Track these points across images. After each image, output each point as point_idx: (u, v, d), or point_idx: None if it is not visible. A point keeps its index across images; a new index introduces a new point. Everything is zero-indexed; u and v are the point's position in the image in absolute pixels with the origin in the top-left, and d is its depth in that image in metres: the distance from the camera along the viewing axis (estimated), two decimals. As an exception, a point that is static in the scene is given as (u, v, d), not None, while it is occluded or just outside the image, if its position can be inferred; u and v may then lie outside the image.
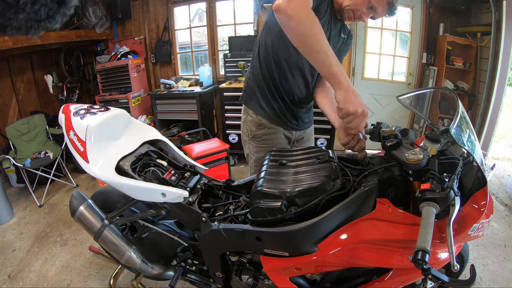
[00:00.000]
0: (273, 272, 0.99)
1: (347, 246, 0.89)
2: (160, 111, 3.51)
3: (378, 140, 1.04)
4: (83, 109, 1.27)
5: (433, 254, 0.84)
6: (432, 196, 0.74)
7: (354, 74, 3.54)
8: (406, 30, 3.35)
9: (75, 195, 1.34)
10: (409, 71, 3.40)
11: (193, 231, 1.15)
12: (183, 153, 1.34)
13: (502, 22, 2.59)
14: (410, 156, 0.83)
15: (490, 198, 0.87)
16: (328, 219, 0.86)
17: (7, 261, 2.05)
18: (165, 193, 1.07)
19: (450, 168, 0.86)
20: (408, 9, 3.26)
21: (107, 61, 3.65)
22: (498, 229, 2.17)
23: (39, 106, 3.73)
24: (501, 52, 2.65)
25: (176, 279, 1.27)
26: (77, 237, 2.24)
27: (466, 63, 3.01)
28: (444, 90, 3.08)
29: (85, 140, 1.16)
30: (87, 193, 1.54)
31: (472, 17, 2.97)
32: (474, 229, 0.84)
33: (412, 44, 3.31)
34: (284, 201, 0.88)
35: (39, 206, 2.69)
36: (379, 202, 0.88)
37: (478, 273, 1.75)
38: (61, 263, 1.99)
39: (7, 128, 2.89)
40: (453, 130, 0.84)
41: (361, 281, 1.00)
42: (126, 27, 4.03)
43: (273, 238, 0.91)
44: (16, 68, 3.44)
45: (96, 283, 1.82)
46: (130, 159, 1.21)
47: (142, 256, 1.31)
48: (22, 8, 0.25)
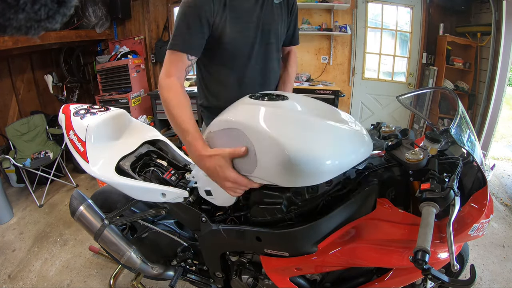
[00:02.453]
0: (273, 272, 0.99)
1: (347, 246, 0.89)
2: (160, 111, 3.51)
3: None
4: (83, 109, 1.28)
5: (433, 254, 0.84)
6: (432, 196, 0.74)
7: (354, 74, 3.54)
8: (406, 30, 3.35)
9: (75, 195, 1.34)
10: (409, 71, 3.41)
11: (193, 231, 1.15)
12: (183, 153, 1.34)
13: (502, 22, 2.59)
14: (410, 156, 0.83)
15: (490, 198, 0.87)
16: (328, 219, 0.86)
17: (7, 261, 2.05)
18: (165, 193, 1.07)
19: (450, 168, 0.86)
20: (408, 9, 3.26)
21: (107, 61, 3.65)
22: (498, 229, 2.17)
23: (39, 106, 3.72)
24: (501, 52, 2.65)
25: (176, 279, 1.27)
26: (77, 237, 2.24)
27: (466, 63, 3.01)
28: (444, 90, 3.08)
29: (85, 140, 1.16)
30: (87, 193, 1.54)
31: (472, 17, 2.97)
32: (474, 229, 0.84)
33: (412, 44, 3.31)
34: (284, 201, 0.88)
35: (39, 206, 2.69)
36: (379, 202, 0.89)
37: (478, 273, 1.76)
38: (61, 263, 1.99)
39: (7, 128, 2.88)
40: (453, 130, 0.84)
41: (361, 281, 1.00)
42: (126, 27, 4.03)
43: (273, 238, 0.91)
44: (16, 68, 3.43)
45: (96, 283, 1.82)
46: (130, 159, 1.21)
47: (142, 256, 1.31)
48: (22, 8, 0.25)
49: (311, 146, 0.78)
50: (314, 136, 0.80)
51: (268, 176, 0.80)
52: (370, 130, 1.08)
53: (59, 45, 3.52)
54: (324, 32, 3.38)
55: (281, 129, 0.80)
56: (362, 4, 3.30)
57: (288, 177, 0.77)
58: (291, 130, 0.80)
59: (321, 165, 0.76)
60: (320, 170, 0.77)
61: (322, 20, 3.43)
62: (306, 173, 0.76)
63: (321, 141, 0.80)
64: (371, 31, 3.42)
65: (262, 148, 0.78)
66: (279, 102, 0.90)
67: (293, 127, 0.81)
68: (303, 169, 0.75)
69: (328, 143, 0.81)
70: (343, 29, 3.31)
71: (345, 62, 3.54)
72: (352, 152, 0.82)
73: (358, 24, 3.37)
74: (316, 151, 0.77)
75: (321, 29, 3.37)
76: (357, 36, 3.40)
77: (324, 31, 3.37)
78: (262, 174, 0.80)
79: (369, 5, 3.32)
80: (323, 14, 3.45)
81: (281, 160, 0.75)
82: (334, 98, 3.28)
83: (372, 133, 1.07)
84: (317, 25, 3.40)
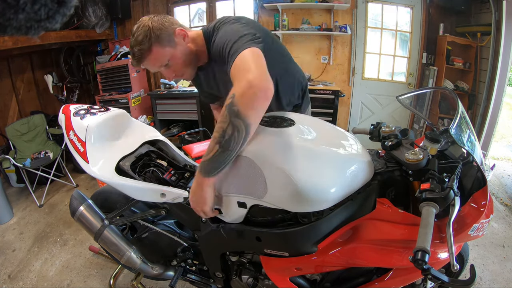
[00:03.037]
0: (273, 272, 0.99)
1: (347, 246, 0.89)
2: (160, 111, 3.51)
3: (378, 140, 1.04)
4: (83, 109, 1.28)
5: (433, 254, 0.84)
6: (432, 196, 0.74)
7: (354, 74, 3.54)
8: (406, 30, 3.35)
9: (75, 195, 1.34)
10: (409, 71, 3.40)
11: (193, 231, 1.15)
12: (183, 153, 1.34)
13: (502, 22, 2.59)
14: (410, 156, 0.83)
15: (490, 198, 0.87)
16: (328, 219, 0.86)
17: (7, 261, 2.05)
18: (165, 193, 1.07)
19: (450, 168, 0.86)
20: (408, 9, 3.26)
21: (107, 61, 3.65)
22: (498, 229, 2.17)
23: (39, 106, 3.72)
24: (501, 52, 2.64)
25: (176, 279, 1.27)
26: (77, 237, 2.24)
27: (466, 63, 3.00)
28: (444, 90, 3.08)
29: (85, 140, 1.16)
30: (87, 193, 1.54)
31: (472, 17, 2.97)
32: (474, 229, 0.84)
33: (412, 44, 3.31)
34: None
35: (39, 206, 2.69)
36: (379, 202, 0.89)
37: (478, 273, 1.75)
38: (61, 263, 1.99)
39: (7, 128, 2.88)
40: (453, 130, 0.84)
41: (361, 281, 1.00)
42: (126, 27, 4.03)
43: (273, 238, 0.91)
44: (16, 68, 3.43)
45: (96, 283, 1.82)
46: (130, 159, 1.21)
47: (142, 256, 1.31)
48: (22, 8, 0.25)
49: (317, 177, 0.84)
50: (320, 166, 0.86)
51: (277, 202, 0.86)
52: (371, 130, 1.08)
53: (59, 45, 3.52)
54: (324, 32, 3.38)
55: (290, 160, 0.85)
56: (362, 4, 3.30)
57: (296, 204, 0.84)
58: (299, 161, 0.85)
59: (326, 194, 0.83)
60: (325, 198, 0.83)
61: (322, 20, 3.43)
62: (312, 201, 0.82)
63: (327, 171, 0.86)
64: (371, 31, 3.42)
65: (271, 177, 0.84)
66: (286, 129, 0.93)
67: (300, 157, 0.86)
68: (310, 198, 0.82)
69: (334, 172, 0.86)
70: (343, 29, 3.31)
71: (345, 62, 3.54)
72: (355, 178, 0.88)
73: (358, 24, 3.36)
74: (322, 182, 0.84)
75: (321, 29, 3.37)
76: (357, 36, 3.40)
77: (324, 31, 3.37)
78: (272, 200, 0.86)
79: (369, 5, 3.32)
80: (323, 14, 3.44)
81: (289, 190, 0.82)
82: (334, 98, 3.28)
83: (372, 132, 1.08)
84: (317, 25, 3.40)
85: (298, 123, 0.96)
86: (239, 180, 0.89)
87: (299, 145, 0.88)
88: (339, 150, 0.92)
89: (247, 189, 0.88)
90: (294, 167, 0.82)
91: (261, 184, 0.84)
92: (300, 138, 0.90)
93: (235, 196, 0.91)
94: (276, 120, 0.98)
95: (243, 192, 0.89)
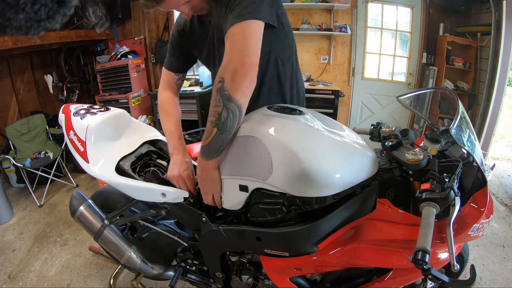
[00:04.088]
0: (273, 272, 0.99)
1: (347, 246, 0.89)
2: (160, 111, 3.50)
3: (378, 140, 1.04)
4: (83, 109, 1.28)
5: (433, 254, 0.84)
6: (432, 196, 0.74)
7: (354, 74, 3.54)
8: (406, 30, 3.35)
9: (75, 195, 1.33)
10: (409, 71, 3.40)
11: (193, 231, 1.15)
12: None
13: (502, 22, 2.59)
14: (410, 156, 0.83)
15: (490, 198, 0.87)
16: (328, 219, 0.86)
17: (7, 261, 2.05)
18: (165, 193, 1.07)
19: (450, 168, 0.86)
20: (408, 9, 3.26)
21: (107, 61, 3.65)
22: (498, 229, 2.17)
23: (39, 106, 3.72)
24: (501, 52, 2.65)
25: (176, 279, 1.27)
26: (77, 237, 2.24)
27: (466, 63, 3.01)
28: (444, 90, 3.08)
29: (85, 140, 1.16)
30: (87, 193, 1.54)
31: (472, 17, 2.97)
32: (474, 229, 0.84)
33: (412, 44, 3.31)
34: (285, 201, 0.88)
35: (39, 206, 2.69)
36: (379, 202, 0.89)
37: (478, 273, 1.75)
38: (61, 263, 1.99)
39: (7, 128, 2.88)
40: (453, 130, 0.84)
41: (361, 281, 1.00)
42: (126, 27, 4.03)
43: (273, 238, 0.91)
44: (16, 68, 3.43)
45: (96, 283, 1.82)
46: (130, 159, 1.21)
47: (142, 256, 1.31)
48: (22, 8, 0.25)
49: (324, 160, 0.84)
50: (327, 151, 0.86)
51: (281, 184, 0.84)
52: (371, 130, 1.08)
53: (59, 45, 3.52)
54: (324, 32, 3.38)
55: (298, 141, 0.85)
56: (362, 4, 3.30)
57: (300, 187, 0.82)
58: (307, 143, 0.86)
59: (331, 178, 0.82)
60: (329, 183, 0.82)
61: (322, 20, 3.43)
62: (317, 184, 0.81)
63: (333, 157, 0.86)
64: (371, 31, 3.42)
65: (278, 158, 0.83)
66: (295, 116, 0.95)
67: (309, 140, 0.87)
68: (315, 180, 0.80)
69: (340, 158, 0.86)
70: (343, 29, 3.31)
71: (345, 62, 3.54)
72: (360, 169, 0.87)
73: (358, 24, 3.37)
74: (328, 166, 0.83)
75: (321, 29, 3.37)
76: (357, 36, 3.40)
77: (324, 31, 3.37)
78: (275, 182, 0.85)
79: (369, 5, 3.32)
80: (323, 14, 3.45)
81: (295, 171, 0.81)
82: (334, 98, 3.28)
83: (372, 132, 1.08)
84: (317, 25, 3.40)
85: (307, 114, 0.98)
86: (244, 161, 0.88)
87: (308, 130, 0.90)
88: (346, 140, 0.92)
89: (251, 170, 0.87)
90: (301, 149, 0.83)
91: (267, 164, 0.84)
92: (308, 125, 0.92)
93: (237, 179, 0.90)
94: (286, 109, 1.00)
95: (247, 173, 0.88)
